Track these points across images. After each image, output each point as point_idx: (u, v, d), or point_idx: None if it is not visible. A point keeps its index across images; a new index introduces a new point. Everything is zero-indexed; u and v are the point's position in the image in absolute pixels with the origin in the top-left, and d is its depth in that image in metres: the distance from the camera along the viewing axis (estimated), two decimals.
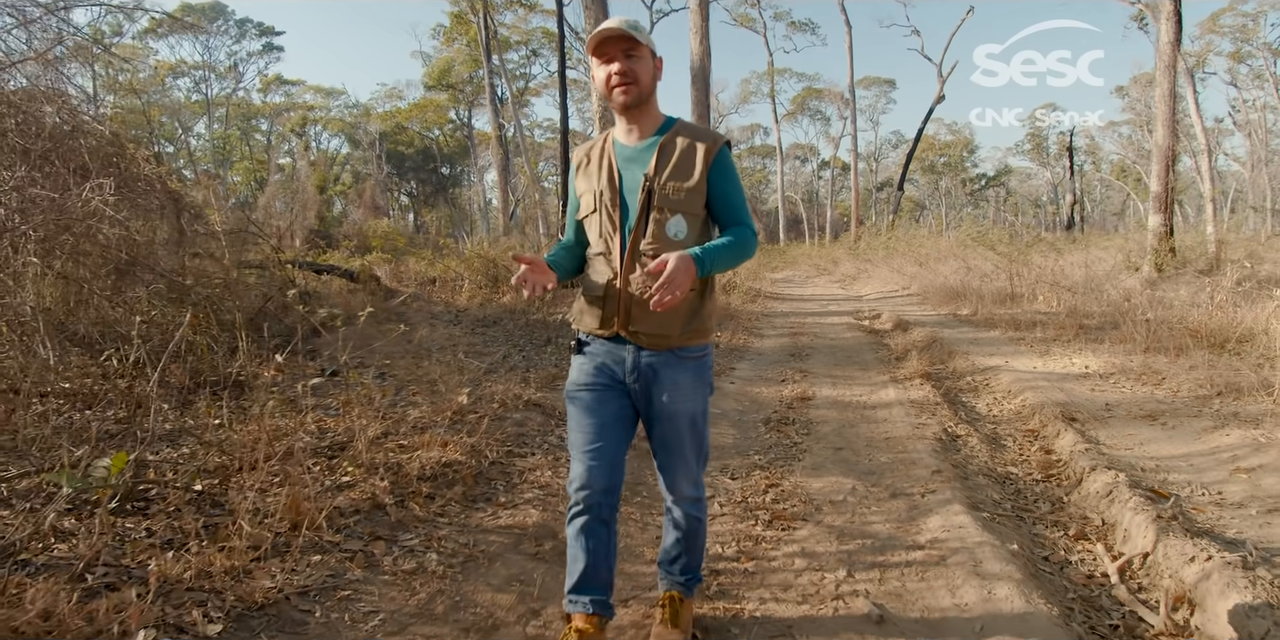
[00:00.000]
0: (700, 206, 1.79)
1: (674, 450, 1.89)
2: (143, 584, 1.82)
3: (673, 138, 1.80)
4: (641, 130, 1.83)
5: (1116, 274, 10.75)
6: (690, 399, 1.85)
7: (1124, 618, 2.18)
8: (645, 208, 1.78)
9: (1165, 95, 12.46)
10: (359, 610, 1.93)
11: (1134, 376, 5.13)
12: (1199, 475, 3.29)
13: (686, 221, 1.78)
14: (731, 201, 1.82)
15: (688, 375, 1.84)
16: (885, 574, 2.33)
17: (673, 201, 1.76)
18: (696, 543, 2.00)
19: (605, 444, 1.82)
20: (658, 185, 1.77)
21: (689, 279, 1.63)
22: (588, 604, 1.81)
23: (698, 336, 1.84)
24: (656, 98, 1.84)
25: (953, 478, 3.22)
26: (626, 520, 2.80)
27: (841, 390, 5.28)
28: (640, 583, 2.31)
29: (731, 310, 10.13)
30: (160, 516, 2.22)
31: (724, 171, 1.81)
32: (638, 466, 3.36)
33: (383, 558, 2.19)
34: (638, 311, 1.78)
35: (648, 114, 1.83)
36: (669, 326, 1.79)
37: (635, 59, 1.74)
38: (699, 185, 1.77)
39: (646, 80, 1.77)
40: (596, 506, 1.81)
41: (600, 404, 1.84)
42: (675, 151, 1.79)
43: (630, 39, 1.72)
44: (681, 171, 1.77)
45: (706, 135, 1.82)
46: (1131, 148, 39.31)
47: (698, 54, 13.87)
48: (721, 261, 1.73)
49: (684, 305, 1.78)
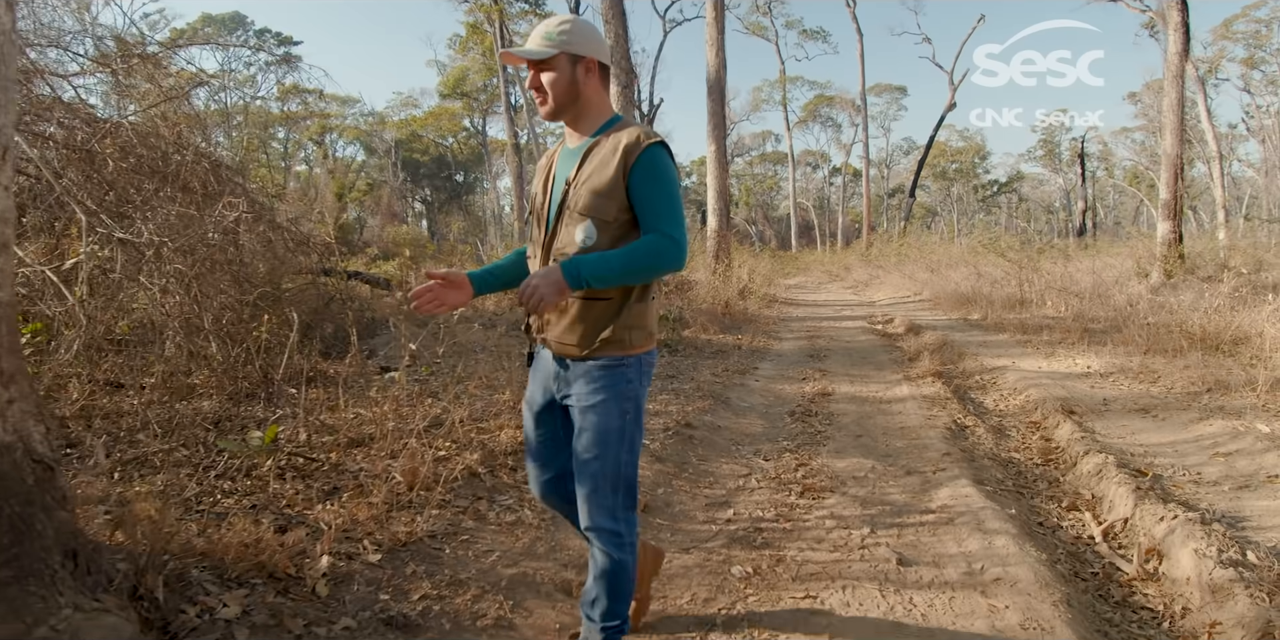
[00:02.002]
0: (613, 212, 1.67)
1: (582, 469, 1.74)
2: (307, 526, 2.30)
3: (602, 139, 1.73)
4: (582, 132, 1.77)
5: (1125, 280, 11.10)
6: (599, 414, 1.70)
7: (1104, 567, 2.61)
8: (560, 211, 1.73)
9: (1174, 104, 12.75)
10: (479, 549, 2.40)
11: (1132, 375, 5.53)
12: (1182, 459, 3.70)
13: (595, 227, 1.67)
14: (650, 206, 1.66)
15: (599, 386, 1.71)
16: (902, 531, 2.78)
17: (583, 206, 1.68)
18: (617, 586, 1.78)
19: (549, 460, 1.88)
20: (573, 189, 1.71)
21: (553, 288, 1.57)
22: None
23: (612, 347, 1.70)
24: (596, 94, 1.76)
25: (961, 459, 3.66)
26: (679, 491, 3.26)
27: (858, 387, 5.71)
28: (696, 536, 2.77)
29: (749, 314, 10.58)
30: (303, 479, 2.70)
31: (647, 174, 1.65)
32: (680, 449, 3.82)
33: (488, 512, 2.66)
34: (550, 318, 1.75)
35: (584, 116, 1.76)
36: (575, 335, 1.71)
37: (546, 70, 1.70)
38: (612, 190, 1.66)
39: (560, 90, 1.71)
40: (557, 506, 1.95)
41: (538, 422, 1.87)
42: (599, 154, 1.70)
43: (534, 57, 1.70)
44: (598, 175, 1.68)
45: (629, 136, 1.68)
46: (1144, 153, 39.44)
47: (713, 66, 14.30)
48: (605, 270, 1.60)
49: (592, 312, 1.70)
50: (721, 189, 14.08)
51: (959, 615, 2.13)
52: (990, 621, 2.08)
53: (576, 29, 1.72)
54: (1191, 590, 2.30)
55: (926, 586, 2.32)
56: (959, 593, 2.26)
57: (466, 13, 31.30)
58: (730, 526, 2.87)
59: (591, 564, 1.81)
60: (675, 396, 4.89)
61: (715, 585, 2.36)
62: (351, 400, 3.66)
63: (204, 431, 3.20)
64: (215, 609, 1.76)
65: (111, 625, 1.52)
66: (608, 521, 1.74)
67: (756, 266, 14.55)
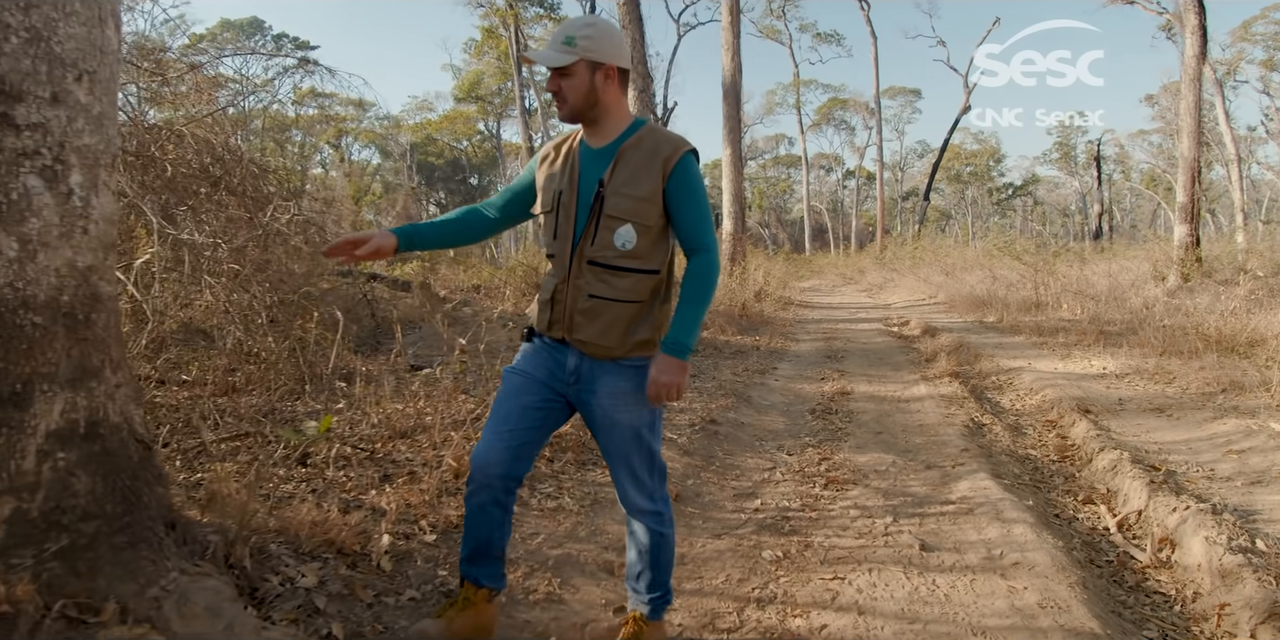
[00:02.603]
0: (654, 217, 1.73)
1: (618, 461, 1.82)
2: (364, 509, 2.46)
3: (636, 143, 1.75)
4: (604, 135, 1.78)
5: (1142, 284, 11.13)
6: (632, 408, 1.78)
7: (1118, 556, 2.73)
8: (596, 214, 1.73)
9: (1190, 108, 12.75)
10: (524, 532, 2.55)
11: (1147, 376, 5.62)
12: (1196, 456, 3.80)
13: (636, 231, 1.72)
14: (691, 218, 1.74)
15: (629, 383, 1.77)
16: (924, 520, 2.91)
17: (622, 210, 1.71)
18: (660, 558, 1.89)
19: (516, 428, 1.79)
20: (609, 192, 1.72)
21: (680, 375, 1.69)
22: (477, 578, 1.87)
23: (643, 348, 1.77)
24: (616, 101, 1.77)
25: (979, 455, 3.77)
26: (707, 483, 3.40)
27: (877, 387, 5.83)
28: (726, 524, 2.91)
29: (766, 317, 10.70)
30: (354, 467, 2.86)
31: (683, 182, 1.72)
32: (706, 444, 3.96)
33: (530, 499, 2.82)
34: (580, 320, 1.75)
35: (605, 119, 1.77)
36: (610, 337, 1.74)
37: (566, 76, 1.72)
38: (653, 196, 1.71)
39: (578, 97, 1.72)
40: (490, 488, 1.78)
41: (523, 391, 1.81)
42: (634, 158, 1.73)
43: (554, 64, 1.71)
44: (636, 180, 1.72)
45: (668, 144, 1.74)
46: (1162, 156, 39.20)
47: (729, 70, 14.45)
48: (695, 326, 1.72)
49: (626, 314, 1.74)
50: (737, 192, 14.21)
51: (980, 595, 2.26)
52: (1010, 601, 2.21)
53: (598, 34, 1.73)
54: (1202, 576, 2.42)
55: (948, 570, 2.45)
56: (979, 575, 2.39)
57: (482, 17, 31.64)
58: (758, 515, 3.01)
59: (633, 542, 1.90)
60: (699, 394, 5.04)
61: (748, 567, 2.50)
62: (391, 395, 3.83)
63: (257, 423, 3.38)
64: (295, 579, 1.93)
65: (213, 587, 1.68)
66: (649, 503, 1.85)
67: (771, 269, 14.66)
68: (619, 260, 1.73)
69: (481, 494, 1.79)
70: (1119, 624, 2.14)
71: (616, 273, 1.74)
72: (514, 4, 29.66)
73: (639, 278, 1.75)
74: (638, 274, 1.74)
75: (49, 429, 1.59)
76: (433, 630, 1.81)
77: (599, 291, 1.74)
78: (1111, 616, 2.18)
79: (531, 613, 2.09)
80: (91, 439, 1.66)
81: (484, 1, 30.57)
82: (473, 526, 1.83)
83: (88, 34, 1.70)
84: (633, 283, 1.74)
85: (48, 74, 1.61)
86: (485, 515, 1.82)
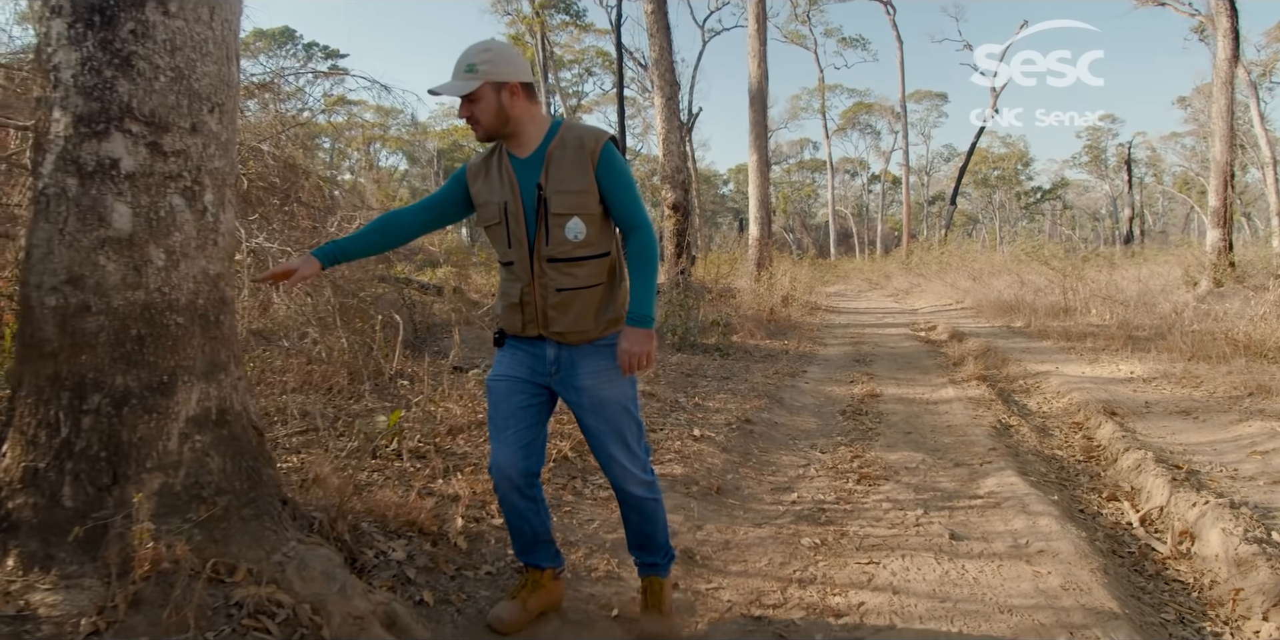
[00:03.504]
0: (594, 205, 1.88)
1: (612, 438, 1.97)
2: (435, 495, 2.69)
3: (560, 144, 1.89)
4: (526, 144, 1.91)
5: (1173, 289, 11.11)
6: (616, 384, 1.94)
7: (1140, 548, 2.88)
8: (543, 215, 1.88)
9: (1223, 111, 12.69)
10: (581, 518, 2.77)
11: (1175, 380, 5.71)
12: (1220, 457, 3.91)
13: (583, 222, 1.88)
14: (622, 200, 1.90)
15: (607, 361, 1.93)
16: (953, 512, 3.08)
17: (566, 205, 1.87)
18: (660, 521, 2.07)
19: (518, 430, 1.95)
20: (549, 192, 1.87)
21: (648, 342, 1.87)
22: (538, 562, 2.08)
23: (614, 325, 1.95)
24: (526, 111, 1.89)
25: (1006, 454, 3.92)
26: (745, 478, 3.59)
27: (905, 389, 5.98)
28: (766, 514, 3.10)
29: (793, 321, 10.85)
30: (419, 459, 3.10)
31: (610, 168, 1.88)
32: (743, 442, 4.15)
33: (583, 489, 3.04)
34: (554, 314, 1.91)
35: (522, 131, 1.90)
36: (585, 322, 1.91)
37: (474, 102, 1.86)
38: (589, 186, 1.87)
39: (489, 118, 1.86)
40: (512, 487, 1.95)
41: (511, 394, 1.96)
42: (562, 158, 1.88)
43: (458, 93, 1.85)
44: (569, 176, 1.87)
45: (590, 137, 1.88)
46: (1195, 159, 38.60)
47: (755, 77, 14.64)
48: (650, 295, 1.88)
49: (594, 299, 1.91)
50: (763, 198, 14.39)
51: (1006, 579, 2.43)
52: (1034, 584, 2.38)
53: (495, 57, 1.86)
54: (1219, 565, 2.56)
55: (976, 556, 2.62)
56: (1006, 561, 2.56)
57: (508, 25, 32.13)
58: (796, 507, 3.19)
59: (630, 515, 2.07)
60: (732, 396, 5.23)
61: (788, 552, 2.69)
62: (443, 394, 4.08)
63: (322, 420, 3.64)
64: (387, 553, 2.16)
65: (325, 555, 1.91)
66: (643, 473, 2.02)
67: (798, 274, 14.79)
68: (575, 251, 1.89)
69: (510, 495, 1.97)
70: (1138, 606, 2.30)
71: (575, 263, 1.90)
72: (540, 12, 30.17)
73: (596, 262, 1.91)
74: (593, 259, 1.91)
75: (188, 415, 1.84)
76: (509, 612, 2.04)
77: (565, 284, 1.90)
78: (1131, 600, 2.34)
79: (595, 587, 2.30)
80: (221, 424, 1.91)
81: (510, 9, 31.11)
82: (514, 523, 2.03)
83: (219, 71, 1.95)
84: (591, 268, 1.91)
85: (188, 107, 1.87)
86: (519, 511, 2.00)
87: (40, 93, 1.79)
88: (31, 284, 1.75)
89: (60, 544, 1.66)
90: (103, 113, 1.74)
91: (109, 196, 1.75)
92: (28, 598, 1.57)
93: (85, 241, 1.73)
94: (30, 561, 1.64)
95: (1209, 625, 2.25)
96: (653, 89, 14.59)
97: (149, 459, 1.76)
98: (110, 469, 1.72)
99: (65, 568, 1.64)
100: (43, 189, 1.76)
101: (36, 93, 1.82)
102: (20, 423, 1.74)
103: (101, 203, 1.75)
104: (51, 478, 1.69)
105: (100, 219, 1.74)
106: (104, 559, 1.63)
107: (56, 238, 1.73)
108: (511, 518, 2.02)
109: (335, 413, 3.73)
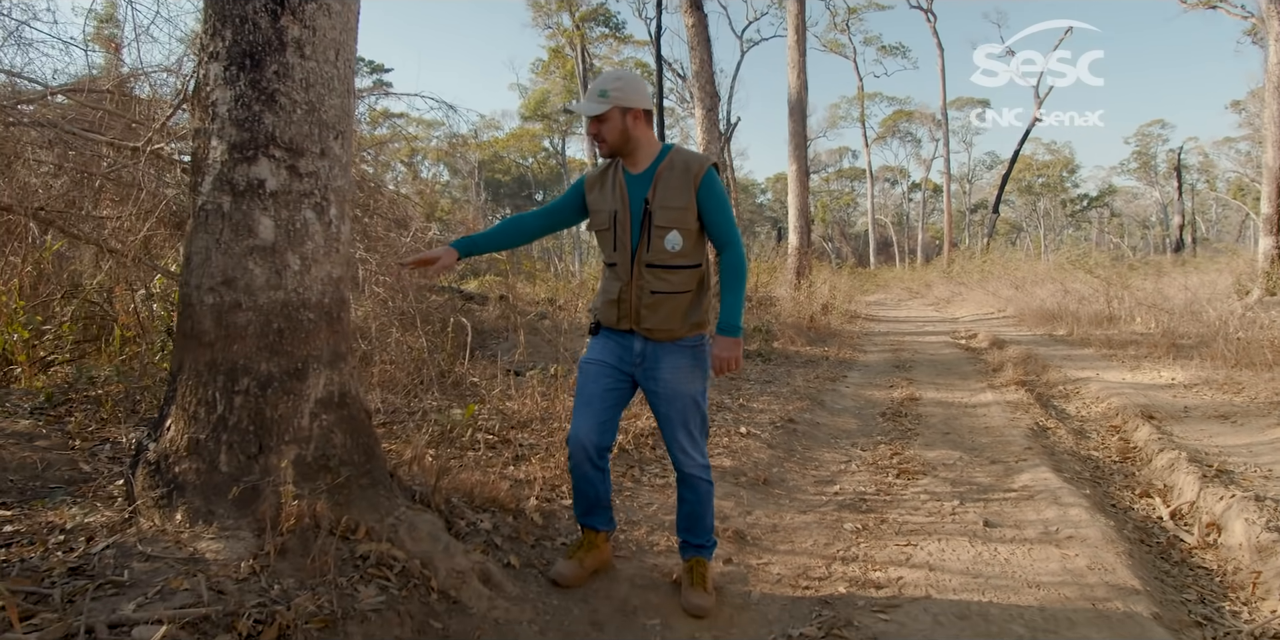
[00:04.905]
0: (692, 222, 2.15)
1: (678, 426, 2.23)
2: (507, 479, 2.99)
3: (669, 165, 2.16)
4: (640, 162, 2.19)
5: (1224, 297, 10.95)
6: (691, 380, 2.21)
7: (1168, 538, 3.04)
8: (647, 226, 2.15)
9: (1275, 116, 12.46)
10: (640, 502, 3.04)
11: (1216, 386, 5.76)
12: (1255, 458, 4.01)
13: (681, 235, 2.14)
14: (718, 220, 2.16)
15: (687, 359, 2.20)
16: (988, 504, 3.27)
17: (668, 219, 2.13)
18: (708, 507, 2.31)
19: (600, 408, 2.22)
20: (655, 207, 2.14)
21: (737, 349, 2.16)
22: (595, 525, 2.37)
23: (696, 328, 2.22)
24: (644, 135, 2.18)
25: (1041, 453, 4.08)
26: (790, 471, 3.82)
27: (944, 394, 6.13)
28: (810, 503, 3.33)
29: (833, 329, 11.00)
30: (489, 449, 3.40)
31: (710, 191, 2.14)
32: (787, 439, 4.38)
33: (641, 476, 3.31)
34: (646, 312, 2.18)
35: (639, 150, 2.18)
36: (672, 322, 2.18)
37: (603, 122, 2.15)
38: (689, 205, 2.13)
39: (614, 137, 2.15)
40: (585, 457, 2.22)
41: (600, 376, 2.25)
42: (670, 178, 2.14)
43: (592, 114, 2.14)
44: (674, 194, 2.13)
45: (695, 162, 2.15)
46: (1250, 164, 37.52)
47: (794, 87, 14.82)
48: (739, 307, 2.15)
49: (682, 303, 2.18)
50: (802, 208, 14.54)
51: (1035, 560, 2.63)
52: (1062, 564, 2.57)
53: (625, 85, 2.14)
54: (1242, 553, 2.72)
55: (1008, 541, 2.82)
56: (1036, 546, 2.75)
57: (548, 37, 32.86)
58: (838, 497, 3.42)
59: (685, 498, 2.32)
60: (775, 398, 5.45)
61: (832, 535, 2.92)
62: (503, 393, 4.40)
63: (398, 414, 3.98)
64: (476, 523, 2.45)
65: (430, 520, 2.22)
66: (701, 457, 2.29)
67: (837, 283, 14.90)
68: (671, 260, 2.16)
69: (584, 464, 2.24)
70: (1160, 587, 2.48)
71: (670, 270, 2.16)
72: (580, 26, 30.82)
73: (688, 271, 2.18)
74: (686, 269, 2.18)
75: (317, 397, 2.16)
76: (568, 569, 2.34)
77: (659, 288, 2.16)
78: (1154, 581, 2.51)
79: (657, 559, 2.57)
80: (342, 406, 2.22)
81: (551, 23, 31.83)
82: (581, 488, 2.30)
83: (341, 103, 2.29)
84: (684, 276, 2.18)
85: (319, 135, 2.20)
86: (588, 479, 2.27)
87: (199, 124, 2.15)
88: (192, 285, 2.09)
89: (219, 502, 1.99)
90: (252, 141, 2.08)
91: (256, 211, 2.09)
92: (196, 545, 1.90)
93: (237, 249, 2.07)
94: (195, 516, 1.97)
95: (1228, 604, 2.41)
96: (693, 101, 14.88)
97: (286, 433, 2.08)
98: (257, 440, 2.05)
99: (224, 521, 1.96)
100: (201, 205, 2.10)
101: (195, 124, 2.18)
102: (182, 401, 2.08)
103: (250, 217, 2.08)
104: (210, 447, 2.03)
105: (249, 230, 2.08)
106: (259, 514, 1.95)
107: (214, 246, 2.07)
108: (580, 483, 2.30)
109: (409, 407, 4.07)
